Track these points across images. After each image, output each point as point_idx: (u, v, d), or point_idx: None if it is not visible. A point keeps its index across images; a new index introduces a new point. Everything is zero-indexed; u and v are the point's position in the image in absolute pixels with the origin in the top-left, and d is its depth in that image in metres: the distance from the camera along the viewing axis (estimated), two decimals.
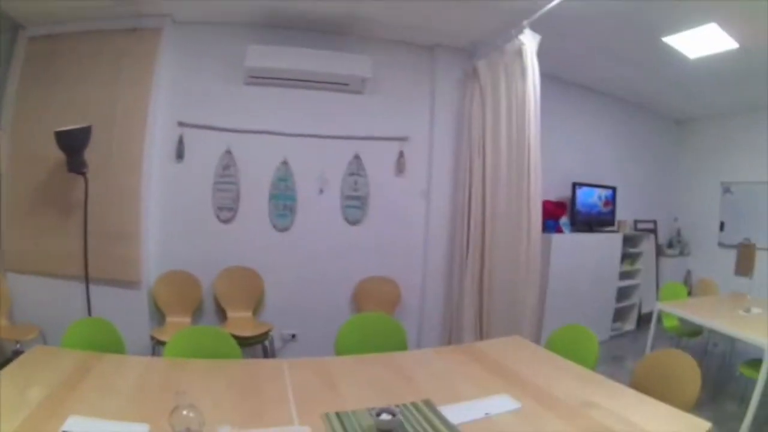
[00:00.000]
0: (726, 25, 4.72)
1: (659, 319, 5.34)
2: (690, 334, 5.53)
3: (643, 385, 2.72)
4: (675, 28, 4.92)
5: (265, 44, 4.91)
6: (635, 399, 2.46)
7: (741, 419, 3.88)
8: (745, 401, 4.00)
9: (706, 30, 4.82)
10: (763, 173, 7.70)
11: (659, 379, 2.77)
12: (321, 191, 5.43)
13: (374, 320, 3.70)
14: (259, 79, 5.08)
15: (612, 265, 6.95)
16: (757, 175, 7.81)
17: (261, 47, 4.86)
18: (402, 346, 3.50)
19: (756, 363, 4.07)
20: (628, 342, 6.92)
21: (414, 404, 2.22)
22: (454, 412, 2.16)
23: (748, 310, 4.96)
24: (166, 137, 4.95)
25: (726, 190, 8.30)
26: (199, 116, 5.04)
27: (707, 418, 4.14)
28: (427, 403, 2.24)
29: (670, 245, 8.56)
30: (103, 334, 3.06)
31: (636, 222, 8.00)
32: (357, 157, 5.51)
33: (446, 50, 5.85)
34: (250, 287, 5.12)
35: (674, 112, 8.62)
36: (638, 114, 8.17)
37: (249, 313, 5.05)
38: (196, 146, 5.05)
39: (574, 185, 6.71)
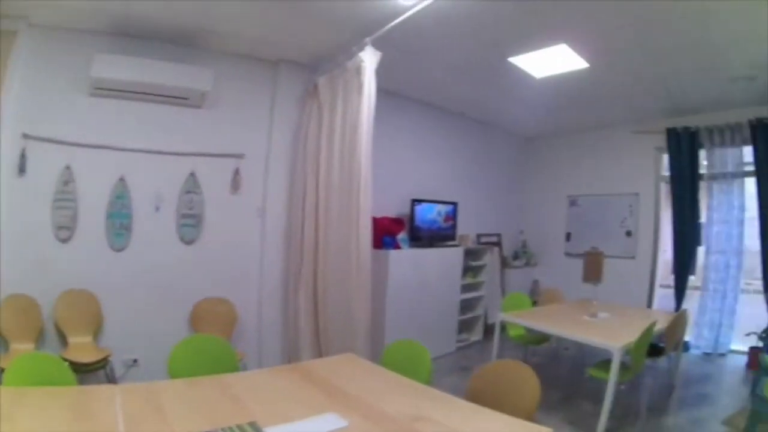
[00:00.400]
0: (576, 45, 4.94)
1: (504, 329, 5.49)
2: (536, 341, 5.74)
3: (481, 396, 2.72)
4: (524, 48, 5.09)
5: (113, 53, 4.65)
6: (470, 410, 2.46)
7: (597, 417, 4.13)
8: (599, 400, 4.20)
9: (556, 50, 5.02)
10: (606, 186, 8.31)
11: (497, 390, 2.79)
12: (157, 209, 5.19)
13: (205, 342, 3.55)
14: (104, 90, 4.78)
15: (453, 278, 7.04)
16: (600, 188, 8.40)
17: (107, 56, 4.57)
18: (234, 367, 3.40)
19: (604, 364, 4.32)
20: (475, 352, 7.11)
21: (239, 426, 2.15)
22: None
23: (594, 315, 5.24)
24: (10, 149, 4.52)
25: (572, 202, 8.81)
26: (43, 128, 4.63)
27: (564, 419, 4.57)
28: (253, 425, 2.17)
29: (516, 257, 8.92)
30: None
31: (479, 236, 8.21)
32: (192, 175, 5.33)
33: (290, 66, 5.81)
34: (89, 311, 4.80)
35: (524, 129, 9.00)
36: (487, 131, 8.48)
37: (89, 338, 4.73)
38: (38, 160, 4.64)
39: (413, 201, 6.76)
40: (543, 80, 5.87)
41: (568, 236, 8.87)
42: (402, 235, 6.35)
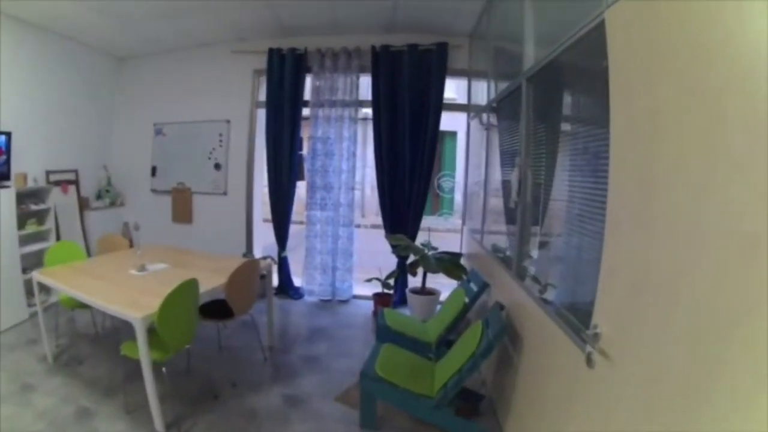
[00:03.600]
0: None
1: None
2: (83, 305, 4.27)
3: None
4: None
5: None
6: None
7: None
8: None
9: None
10: (195, 113, 7.11)
11: None
12: None
13: None
14: None
15: (6, 228, 5.34)
16: (189, 115, 7.16)
17: None
18: None
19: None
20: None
21: None
22: None
23: (143, 269, 4.23)
24: None
25: (158, 131, 7.38)
26: None
27: (122, 407, 3.58)
28: None
29: (99, 196, 7.30)
30: None
31: (49, 173, 6.42)
32: None
33: None
34: None
35: (114, 46, 7.16)
36: (64, 45, 6.48)
37: None
38: None
39: None
40: None
41: (153, 170, 7.47)
42: None
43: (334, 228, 6.39)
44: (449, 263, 5.27)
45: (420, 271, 5.43)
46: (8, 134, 5.55)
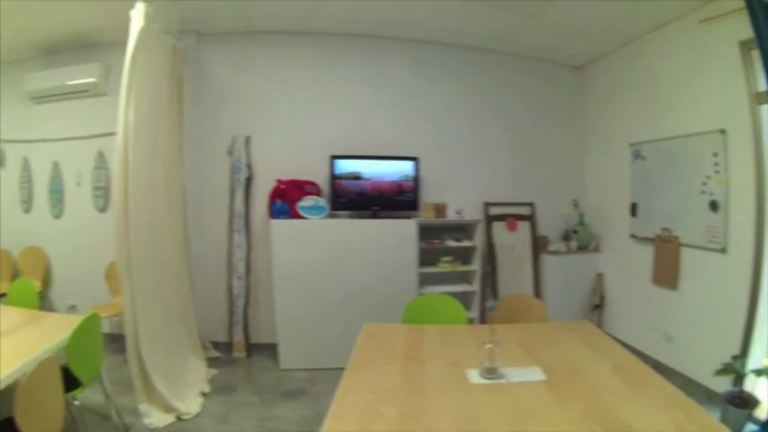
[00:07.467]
0: None
1: None
2: None
3: None
4: None
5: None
6: None
7: None
8: None
9: None
10: (674, 124, 4.85)
11: None
12: (78, 184, 6.20)
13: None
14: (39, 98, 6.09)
15: (408, 264, 5.28)
16: (667, 128, 4.94)
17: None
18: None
19: None
20: None
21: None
22: None
23: (490, 374, 2.46)
24: None
25: (636, 155, 5.32)
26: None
27: None
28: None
29: (567, 237, 5.96)
30: None
31: (488, 205, 6.06)
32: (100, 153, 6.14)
33: None
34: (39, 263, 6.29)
35: (567, 53, 6.04)
36: (503, 60, 6.21)
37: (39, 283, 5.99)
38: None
39: (332, 158, 5.51)
40: None
41: (633, 208, 5.35)
42: (311, 202, 5.21)
43: None
44: None
45: None
46: (415, 159, 5.55)
